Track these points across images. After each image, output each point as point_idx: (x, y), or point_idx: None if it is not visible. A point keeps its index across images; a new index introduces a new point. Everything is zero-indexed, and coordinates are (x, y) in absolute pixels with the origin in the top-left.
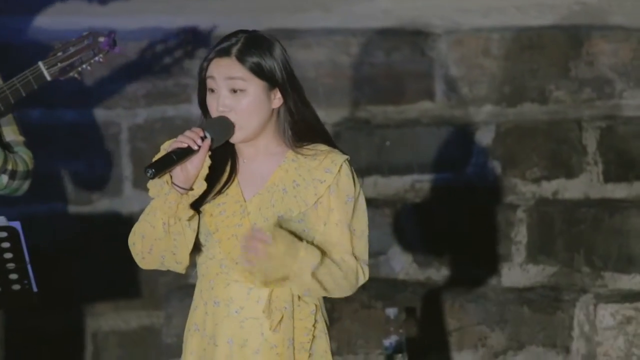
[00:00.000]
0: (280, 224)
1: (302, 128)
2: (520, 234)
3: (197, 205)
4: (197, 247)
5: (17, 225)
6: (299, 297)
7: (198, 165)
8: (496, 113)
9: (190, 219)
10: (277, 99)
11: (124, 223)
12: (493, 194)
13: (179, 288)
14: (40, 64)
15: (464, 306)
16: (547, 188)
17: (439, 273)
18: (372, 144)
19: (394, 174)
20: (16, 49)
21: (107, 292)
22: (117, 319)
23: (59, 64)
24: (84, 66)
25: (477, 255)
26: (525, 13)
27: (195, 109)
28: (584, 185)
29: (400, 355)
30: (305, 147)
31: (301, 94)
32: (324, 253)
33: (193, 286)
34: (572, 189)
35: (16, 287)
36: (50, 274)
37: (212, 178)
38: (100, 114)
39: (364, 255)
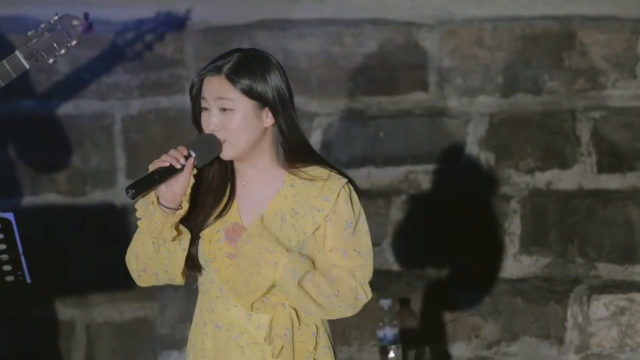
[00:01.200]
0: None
1: (295, 148)
2: (514, 225)
3: (197, 230)
4: (197, 266)
5: (10, 216)
6: (298, 321)
7: (184, 184)
8: (490, 104)
9: (174, 239)
10: (269, 118)
11: (118, 214)
12: (487, 184)
13: None
14: (17, 52)
15: (457, 297)
16: (541, 179)
17: (432, 264)
18: (366, 135)
19: (388, 165)
20: (7, 39)
21: (100, 284)
22: (111, 310)
23: (36, 52)
24: (60, 52)
25: (471, 246)
26: (518, 3)
27: (188, 100)
28: (578, 176)
29: (394, 346)
30: (301, 169)
31: (292, 115)
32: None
33: (187, 277)
34: (565, 179)
35: (10, 278)
36: (43, 265)
37: (211, 201)
38: (93, 105)
39: (368, 275)
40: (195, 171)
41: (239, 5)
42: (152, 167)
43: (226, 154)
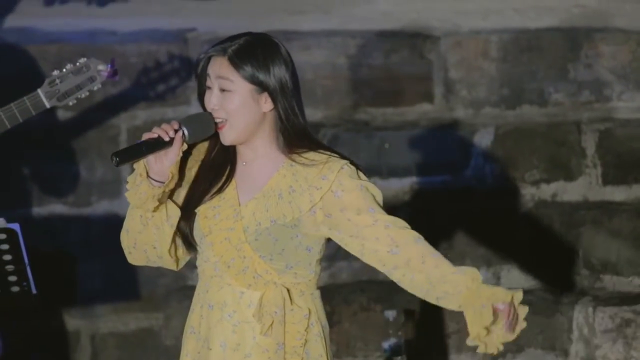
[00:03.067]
0: (273, 228)
1: (293, 136)
2: (520, 237)
3: (192, 207)
4: (191, 244)
5: (16, 227)
6: (291, 302)
7: (172, 158)
8: (495, 115)
9: (155, 209)
10: (268, 103)
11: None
12: (492, 196)
13: (178, 290)
14: (40, 91)
15: None
16: (546, 190)
17: None
18: (371, 146)
19: (393, 176)
20: (14, 50)
21: (106, 294)
22: (116, 320)
23: (58, 92)
24: (82, 94)
25: (476, 257)
26: (524, 15)
27: (194, 111)
28: (583, 187)
29: (399, 357)
30: (301, 154)
31: (292, 104)
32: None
33: (192, 288)
34: (571, 191)
35: (15, 288)
36: (49, 275)
37: (210, 180)
38: (99, 115)
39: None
40: (185, 147)
41: (245, 16)
42: (142, 139)
43: (226, 138)
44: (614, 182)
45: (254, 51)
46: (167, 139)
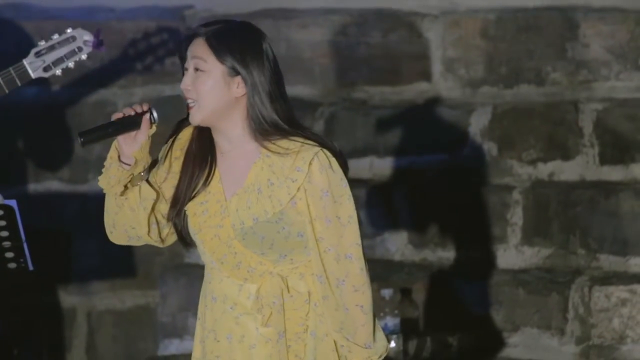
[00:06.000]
0: (257, 227)
1: (264, 124)
2: (516, 216)
3: (182, 205)
4: (186, 241)
5: (13, 203)
6: (288, 289)
7: (140, 140)
8: (493, 94)
9: (123, 194)
10: (240, 89)
11: None
12: (489, 175)
13: (175, 267)
14: (25, 62)
15: (459, 287)
16: (543, 170)
17: (434, 254)
18: (369, 125)
19: (390, 155)
20: (11, 26)
21: (102, 271)
22: (113, 298)
23: (44, 63)
24: (68, 64)
25: (473, 236)
26: None
27: None
28: (580, 167)
29: (395, 336)
30: (275, 142)
31: (266, 91)
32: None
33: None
34: (568, 171)
35: (12, 265)
36: (45, 252)
37: (191, 170)
38: (96, 92)
39: (355, 243)
40: (153, 129)
41: None
42: (112, 119)
43: (194, 118)
44: (611, 162)
45: (232, 34)
46: (132, 113)
